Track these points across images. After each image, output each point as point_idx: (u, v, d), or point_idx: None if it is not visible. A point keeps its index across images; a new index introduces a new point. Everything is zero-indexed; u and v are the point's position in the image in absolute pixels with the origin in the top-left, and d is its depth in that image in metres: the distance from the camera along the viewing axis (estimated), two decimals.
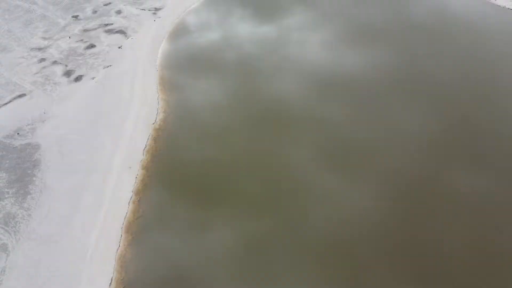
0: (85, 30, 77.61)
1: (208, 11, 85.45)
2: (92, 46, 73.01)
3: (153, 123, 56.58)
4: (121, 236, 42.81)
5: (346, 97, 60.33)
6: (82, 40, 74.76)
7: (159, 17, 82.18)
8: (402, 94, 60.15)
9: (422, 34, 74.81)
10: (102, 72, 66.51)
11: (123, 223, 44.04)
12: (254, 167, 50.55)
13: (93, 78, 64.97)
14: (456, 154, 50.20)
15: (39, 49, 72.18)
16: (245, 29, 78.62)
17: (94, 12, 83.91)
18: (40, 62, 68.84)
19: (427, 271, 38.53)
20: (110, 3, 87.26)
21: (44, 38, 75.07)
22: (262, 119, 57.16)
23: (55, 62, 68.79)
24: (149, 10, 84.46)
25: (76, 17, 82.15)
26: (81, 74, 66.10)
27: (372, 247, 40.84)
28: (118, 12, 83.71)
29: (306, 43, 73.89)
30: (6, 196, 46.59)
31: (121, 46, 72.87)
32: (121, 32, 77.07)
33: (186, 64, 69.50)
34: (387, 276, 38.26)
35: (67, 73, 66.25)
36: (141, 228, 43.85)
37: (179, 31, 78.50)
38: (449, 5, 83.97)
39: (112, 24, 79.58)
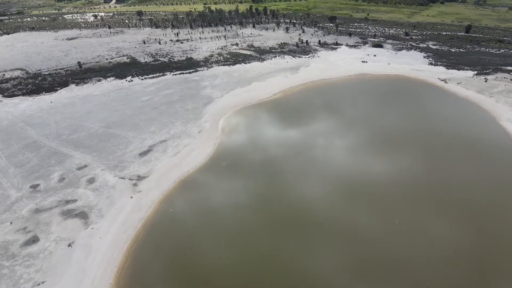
0: (37, 211, 58.46)
1: (204, 183, 66.38)
2: (34, 240, 52.62)
3: None
4: None
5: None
6: (25, 228, 54.89)
7: (139, 191, 63.29)
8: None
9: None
10: None
11: None
12: None
13: None
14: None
15: None
16: (252, 220, 57.81)
17: (61, 179, 66.36)
18: None
19: None
20: (86, 166, 70.50)
21: None
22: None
23: None
24: (129, 179, 66.36)
25: (35, 187, 64.37)
26: None
27: None
28: (90, 181, 65.83)
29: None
30: None
31: (72, 243, 52.10)
32: (82, 215, 57.38)
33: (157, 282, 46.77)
34: None
35: None
36: None
37: (160, 217, 58.07)
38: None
39: (75, 201, 60.67)
